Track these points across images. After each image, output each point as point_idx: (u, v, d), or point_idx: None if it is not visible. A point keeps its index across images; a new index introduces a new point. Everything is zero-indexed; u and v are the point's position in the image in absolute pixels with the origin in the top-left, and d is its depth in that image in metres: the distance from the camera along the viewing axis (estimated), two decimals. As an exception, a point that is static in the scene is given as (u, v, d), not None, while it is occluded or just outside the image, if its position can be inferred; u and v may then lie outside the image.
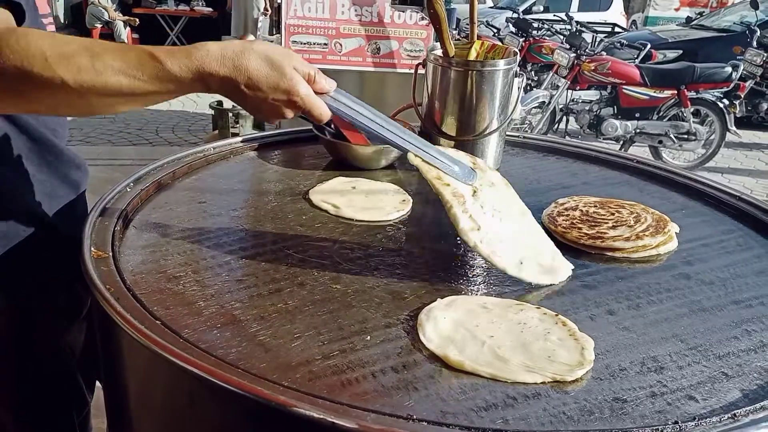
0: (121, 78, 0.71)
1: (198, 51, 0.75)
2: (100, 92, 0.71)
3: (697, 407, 0.66)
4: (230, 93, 0.77)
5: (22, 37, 0.69)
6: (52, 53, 0.68)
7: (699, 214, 1.18)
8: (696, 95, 5.24)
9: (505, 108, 1.30)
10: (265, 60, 0.76)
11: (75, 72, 0.69)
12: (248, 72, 0.75)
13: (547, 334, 0.77)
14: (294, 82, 0.77)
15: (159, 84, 0.73)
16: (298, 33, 3.03)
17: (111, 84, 0.71)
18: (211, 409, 0.68)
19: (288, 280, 0.88)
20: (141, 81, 0.72)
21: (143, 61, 0.73)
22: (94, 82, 0.70)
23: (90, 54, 0.71)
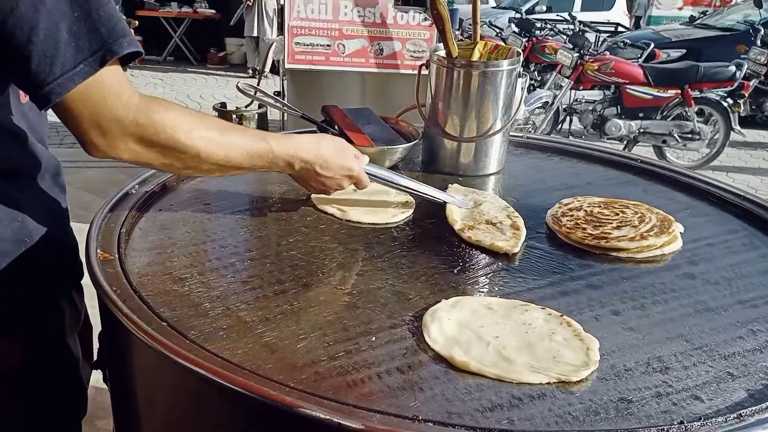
0: (237, 153, 0.91)
1: (293, 140, 0.99)
2: (218, 162, 0.89)
3: (703, 407, 0.66)
4: (307, 172, 1.01)
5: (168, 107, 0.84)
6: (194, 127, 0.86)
7: (704, 214, 1.18)
8: (700, 95, 5.22)
9: (509, 108, 1.31)
10: (334, 148, 1.03)
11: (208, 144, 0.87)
12: (324, 157, 1.01)
13: (552, 335, 0.77)
14: (353, 163, 1.04)
15: (261, 161, 0.94)
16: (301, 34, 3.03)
17: (231, 157, 0.90)
18: (218, 409, 0.68)
19: (293, 281, 0.88)
20: (252, 158, 0.93)
21: (256, 141, 0.93)
22: (218, 153, 0.88)
23: (220, 131, 0.89)
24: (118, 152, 0.82)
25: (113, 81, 0.78)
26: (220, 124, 0.91)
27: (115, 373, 0.93)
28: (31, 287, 0.89)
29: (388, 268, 0.93)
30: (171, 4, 8.84)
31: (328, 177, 1.02)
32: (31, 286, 0.89)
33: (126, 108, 0.79)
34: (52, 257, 0.92)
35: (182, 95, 7.06)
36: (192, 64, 8.75)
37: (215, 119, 0.93)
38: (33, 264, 0.87)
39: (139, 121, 0.80)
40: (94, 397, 1.12)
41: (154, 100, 0.84)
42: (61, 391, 0.99)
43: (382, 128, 1.40)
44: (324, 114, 1.41)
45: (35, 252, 0.87)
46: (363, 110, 1.45)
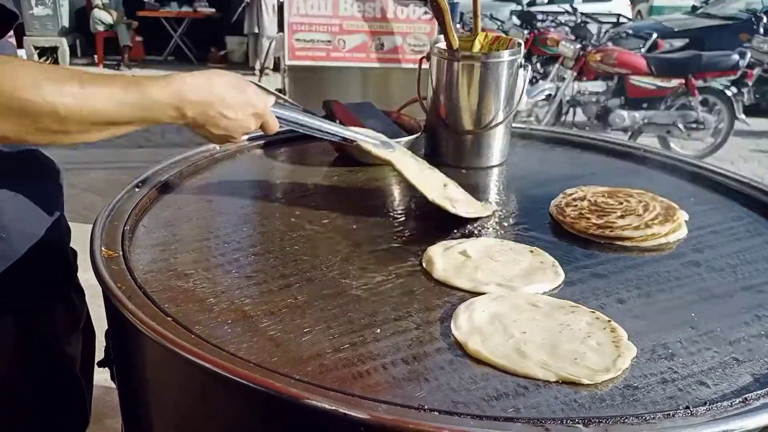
0: (108, 105, 0.76)
1: (175, 80, 0.83)
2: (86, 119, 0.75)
3: (709, 392, 0.66)
4: (203, 117, 0.87)
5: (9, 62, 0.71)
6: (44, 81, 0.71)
7: (708, 202, 1.18)
8: (703, 84, 5.20)
9: (511, 99, 1.30)
10: (231, 85, 0.89)
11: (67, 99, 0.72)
12: (222, 95, 0.87)
13: (587, 338, 0.74)
14: (255, 97, 0.93)
15: (140, 111, 0.80)
16: (302, 30, 3.03)
17: (99, 110, 0.76)
18: (224, 403, 0.69)
19: (297, 275, 0.88)
20: (126, 107, 0.78)
21: (128, 88, 0.79)
22: (82, 108, 0.74)
23: (79, 81, 0.74)
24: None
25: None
26: (79, 74, 0.76)
27: (122, 370, 0.93)
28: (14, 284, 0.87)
29: (392, 262, 0.93)
30: (171, 3, 8.85)
31: (231, 119, 0.89)
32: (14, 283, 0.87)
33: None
34: (38, 257, 0.90)
35: (184, 95, 7.06)
36: (193, 63, 8.76)
37: (74, 69, 0.78)
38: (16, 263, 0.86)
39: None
40: (103, 396, 1.13)
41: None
42: (56, 394, 0.99)
43: (384, 122, 1.40)
44: (325, 109, 1.41)
45: (28, 253, 0.87)
46: (365, 105, 1.45)
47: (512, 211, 1.12)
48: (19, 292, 0.89)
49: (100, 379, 1.13)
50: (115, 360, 0.94)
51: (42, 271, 0.93)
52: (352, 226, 1.04)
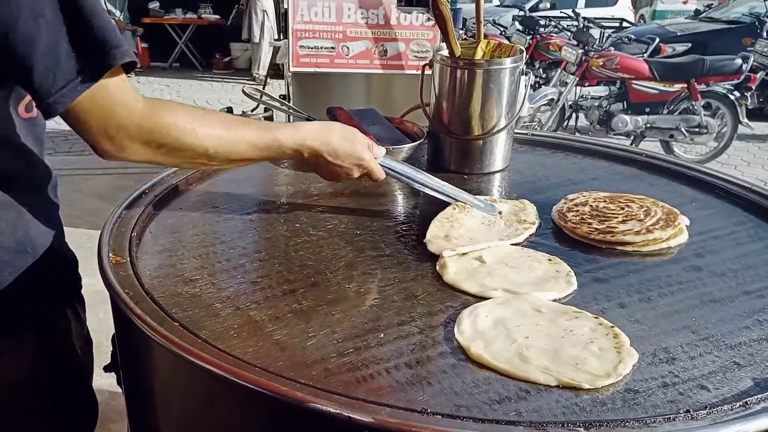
0: (245, 146, 0.94)
1: (300, 128, 1.00)
2: (227, 157, 0.93)
3: (709, 396, 0.67)
4: (314, 160, 1.02)
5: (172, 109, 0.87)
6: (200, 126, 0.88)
7: (710, 207, 1.19)
8: (706, 88, 5.20)
9: (513, 106, 1.31)
10: (342, 137, 1.03)
11: (215, 141, 0.90)
12: (332, 145, 1.01)
13: (589, 344, 0.75)
14: (362, 152, 1.04)
15: (269, 152, 0.97)
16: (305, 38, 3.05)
17: (239, 152, 0.93)
18: (230, 406, 0.70)
19: (301, 280, 0.89)
20: (260, 150, 0.95)
21: (262, 134, 0.95)
22: (227, 150, 0.92)
23: (225, 127, 0.92)
24: (127, 155, 0.85)
25: (116, 89, 0.80)
26: (225, 119, 0.94)
27: (129, 375, 0.94)
28: (36, 296, 0.91)
29: (395, 267, 0.94)
30: (176, 10, 8.90)
31: (337, 165, 1.03)
32: (36, 295, 0.90)
33: (131, 114, 0.82)
34: (54, 267, 0.93)
35: (188, 101, 7.10)
36: (197, 69, 8.80)
37: (220, 115, 0.95)
38: (36, 273, 0.89)
39: (144, 126, 0.83)
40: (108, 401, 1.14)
41: (159, 102, 0.87)
42: (72, 399, 1.00)
43: (387, 128, 1.41)
44: (329, 116, 1.42)
45: (38, 261, 0.89)
46: (368, 111, 1.46)
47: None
48: (39, 303, 0.92)
49: (105, 384, 1.14)
50: (123, 364, 0.95)
51: (58, 282, 0.96)
52: (355, 231, 1.05)
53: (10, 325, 0.88)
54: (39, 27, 0.74)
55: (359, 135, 1.06)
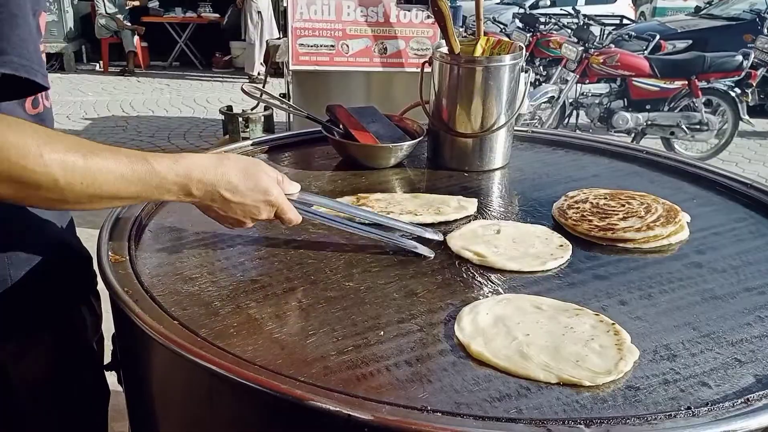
0: (109, 177, 0.74)
1: (184, 159, 0.81)
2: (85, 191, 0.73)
3: (710, 393, 0.67)
4: (210, 198, 0.83)
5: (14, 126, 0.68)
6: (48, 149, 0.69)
7: (711, 203, 1.18)
8: (707, 85, 5.19)
9: (513, 103, 1.31)
10: (240, 169, 0.85)
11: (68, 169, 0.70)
12: (228, 177, 0.83)
13: (590, 341, 0.74)
14: (268, 185, 0.86)
15: (145, 186, 0.77)
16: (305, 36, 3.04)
17: (102, 183, 0.73)
18: (231, 404, 0.70)
19: (301, 279, 0.89)
20: (131, 183, 0.76)
21: (134, 163, 0.76)
22: (83, 180, 0.72)
23: (83, 153, 0.72)
24: None
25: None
26: (84, 145, 0.74)
27: (130, 374, 0.94)
28: (52, 294, 0.90)
29: (395, 265, 0.93)
30: (175, 9, 8.90)
31: (237, 203, 0.85)
32: (52, 293, 0.90)
33: None
34: (68, 264, 0.93)
35: (188, 100, 7.10)
36: (197, 68, 8.80)
37: (80, 140, 0.74)
38: (52, 272, 0.89)
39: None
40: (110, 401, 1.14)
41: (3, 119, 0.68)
42: (91, 396, 1.01)
43: (387, 126, 1.41)
44: (329, 113, 1.42)
45: (54, 260, 0.89)
46: (367, 109, 1.46)
47: (514, 214, 1.13)
48: (55, 301, 0.91)
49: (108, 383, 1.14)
50: (123, 363, 0.95)
51: (74, 279, 0.96)
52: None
53: (28, 325, 0.87)
54: None
55: (264, 166, 0.88)
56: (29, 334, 0.87)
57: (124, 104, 6.79)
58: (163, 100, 7.03)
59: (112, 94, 7.21)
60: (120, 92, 7.35)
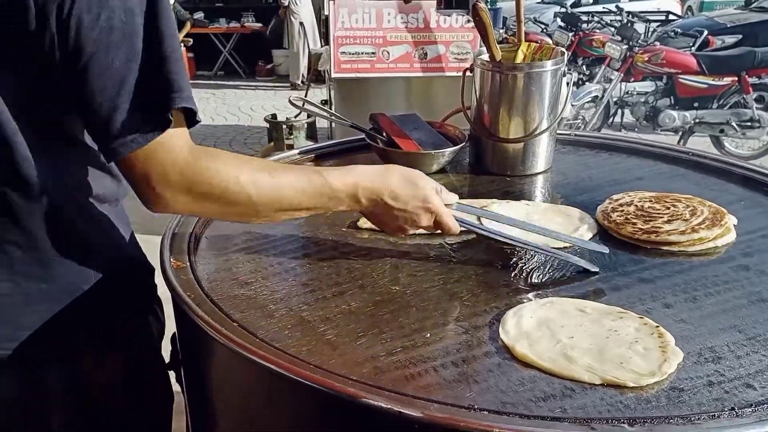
0: (291, 192, 0.86)
1: (353, 170, 0.92)
2: (272, 205, 0.86)
3: (755, 395, 0.67)
4: (376, 205, 0.92)
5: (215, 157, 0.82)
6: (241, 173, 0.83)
7: (758, 205, 1.17)
8: (758, 81, 5.02)
9: (555, 108, 1.32)
10: (403, 177, 0.93)
11: (259, 188, 0.84)
12: (391, 186, 0.92)
13: (634, 343, 0.76)
14: (428, 193, 0.94)
15: (321, 198, 0.89)
16: (347, 44, 3.10)
17: (286, 197, 0.86)
18: (288, 402, 0.74)
19: (349, 283, 0.93)
20: (309, 196, 0.88)
21: (311, 177, 0.88)
22: (271, 196, 0.85)
23: (270, 173, 0.85)
24: (169, 206, 0.81)
25: (166, 138, 0.77)
26: (270, 165, 0.89)
27: (191, 373, 1.00)
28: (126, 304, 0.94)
29: (439, 269, 0.96)
30: (219, 20, 9.13)
31: (401, 210, 0.93)
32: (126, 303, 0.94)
33: (174, 164, 0.78)
34: (138, 274, 0.98)
35: (233, 108, 7.28)
36: (241, 77, 9.01)
37: (263, 161, 0.90)
38: (126, 282, 0.93)
39: (186, 175, 0.79)
40: None
41: (203, 150, 0.82)
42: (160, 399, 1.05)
43: (428, 133, 1.44)
44: (372, 122, 1.46)
45: (127, 271, 0.94)
46: (410, 116, 1.50)
47: (557, 218, 1.14)
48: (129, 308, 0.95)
49: None
50: (185, 363, 1.01)
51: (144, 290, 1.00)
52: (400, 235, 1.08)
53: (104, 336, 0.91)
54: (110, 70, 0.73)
55: (424, 176, 0.96)
56: (105, 344, 0.91)
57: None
58: (209, 108, 7.23)
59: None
60: (168, 102, 7.57)
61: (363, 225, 1.11)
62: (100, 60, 0.73)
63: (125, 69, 0.74)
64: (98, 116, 0.75)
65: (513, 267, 0.97)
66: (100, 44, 0.73)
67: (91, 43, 0.72)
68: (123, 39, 0.73)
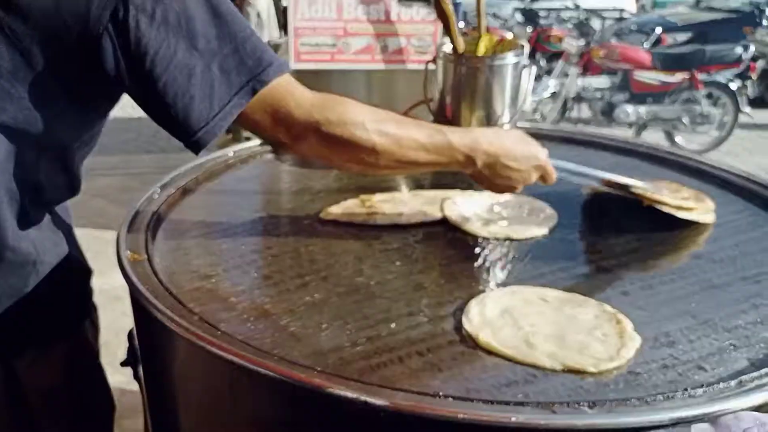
0: (413, 145, 0.88)
1: (473, 131, 0.96)
2: (394, 155, 0.88)
3: (706, 376, 0.70)
4: (491, 167, 0.94)
5: (341, 102, 0.87)
6: (369, 120, 0.86)
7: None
8: (708, 78, 5.21)
9: (516, 100, 1.34)
10: (516, 139, 0.96)
11: (384, 137, 0.86)
12: (508, 148, 0.94)
13: (593, 330, 0.78)
14: (539, 149, 0.98)
15: (440, 155, 0.90)
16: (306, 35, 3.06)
17: (408, 151, 0.88)
18: (251, 394, 0.73)
19: (313, 274, 0.92)
20: (429, 152, 0.90)
21: (433, 134, 0.90)
22: (394, 148, 0.87)
23: (396, 123, 0.88)
24: (302, 148, 0.87)
25: (280, 94, 0.83)
26: (395, 117, 0.90)
27: (150, 370, 0.97)
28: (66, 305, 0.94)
29: (403, 260, 0.97)
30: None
31: (515, 170, 0.95)
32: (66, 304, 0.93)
33: (299, 107, 0.83)
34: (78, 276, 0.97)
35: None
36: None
37: (389, 113, 0.90)
38: (66, 283, 0.92)
39: (315, 117, 0.84)
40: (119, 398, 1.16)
41: (330, 96, 0.88)
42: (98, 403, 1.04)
43: (391, 125, 1.43)
44: (335, 113, 1.45)
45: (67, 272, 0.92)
46: (373, 108, 1.49)
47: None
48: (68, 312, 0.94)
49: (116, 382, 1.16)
50: (143, 359, 0.99)
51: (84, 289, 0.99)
52: (362, 225, 1.08)
53: (43, 336, 0.90)
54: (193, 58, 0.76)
55: (528, 136, 0.99)
56: (44, 345, 0.90)
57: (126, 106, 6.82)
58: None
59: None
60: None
61: (326, 217, 1.10)
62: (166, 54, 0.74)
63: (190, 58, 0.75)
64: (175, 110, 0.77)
65: (476, 258, 0.98)
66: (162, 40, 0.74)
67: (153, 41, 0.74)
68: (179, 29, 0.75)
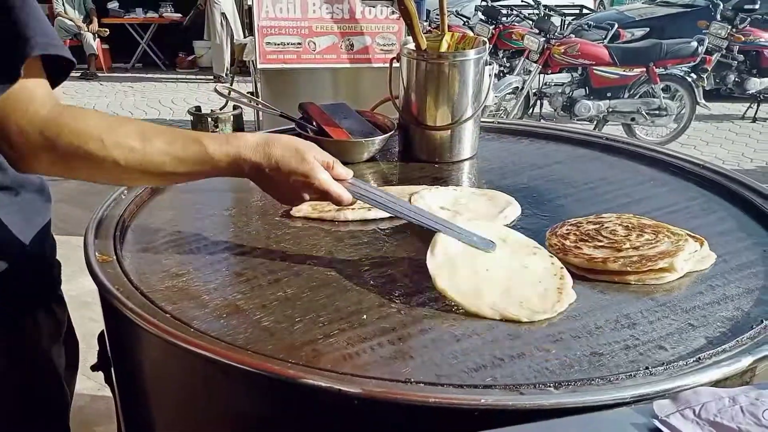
0: (165, 159, 0.82)
1: (237, 139, 0.86)
2: (145, 170, 0.82)
3: (666, 355, 0.73)
4: (258, 176, 0.87)
5: (79, 116, 0.79)
6: (107, 135, 0.78)
7: (666, 184, 1.26)
8: (665, 71, 5.36)
9: (478, 95, 1.37)
10: (288, 149, 0.87)
11: (127, 153, 0.80)
12: (274, 158, 0.86)
13: (537, 284, 0.86)
14: (312, 167, 0.87)
15: (198, 166, 0.84)
16: (271, 34, 3.06)
17: (158, 164, 0.82)
18: (226, 389, 0.74)
19: (284, 270, 0.93)
20: (185, 163, 0.83)
21: (188, 145, 0.83)
22: (141, 162, 0.81)
23: (140, 137, 0.81)
24: (31, 167, 0.79)
25: (20, 93, 0.74)
26: (142, 128, 0.82)
27: (123, 372, 0.97)
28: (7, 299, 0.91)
29: (374, 253, 0.98)
30: (136, 10, 8.75)
31: (282, 182, 0.87)
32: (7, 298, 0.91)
33: (31, 122, 0.75)
34: (27, 269, 0.94)
35: (153, 101, 7.02)
36: (161, 69, 8.68)
37: (140, 124, 0.83)
38: (7, 276, 0.89)
39: (45, 134, 0.75)
40: (90, 405, 1.14)
41: (69, 108, 0.79)
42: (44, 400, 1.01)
43: (358, 122, 1.45)
44: (301, 111, 1.46)
45: (9, 264, 0.90)
46: (339, 105, 1.50)
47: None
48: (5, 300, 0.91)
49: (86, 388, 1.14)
50: (115, 361, 0.98)
51: (31, 285, 0.96)
52: (332, 221, 1.09)
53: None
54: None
55: (311, 148, 0.89)
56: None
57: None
58: (128, 102, 6.93)
59: (74, 99, 7.07)
60: (83, 96, 7.21)
61: (296, 214, 1.11)
62: None
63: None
64: None
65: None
66: None
67: None
68: None
